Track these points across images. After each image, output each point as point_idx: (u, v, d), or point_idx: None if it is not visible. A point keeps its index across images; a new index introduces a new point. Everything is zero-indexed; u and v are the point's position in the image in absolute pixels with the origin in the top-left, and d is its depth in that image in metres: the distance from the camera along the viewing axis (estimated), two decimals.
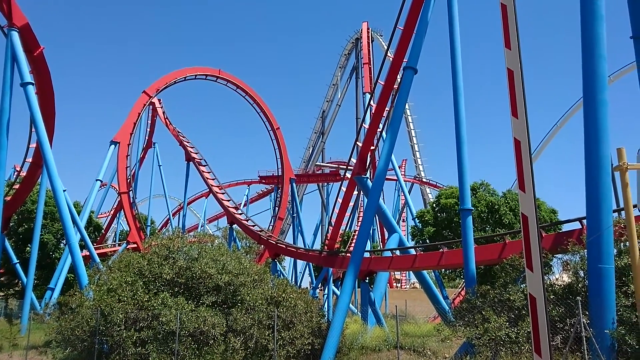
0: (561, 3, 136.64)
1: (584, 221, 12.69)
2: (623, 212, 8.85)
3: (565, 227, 17.66)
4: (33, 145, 28.67)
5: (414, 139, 56.47)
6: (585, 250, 11.27)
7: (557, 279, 13.04)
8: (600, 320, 10.10)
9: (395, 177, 43.60)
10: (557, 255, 14.07)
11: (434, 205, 32.76)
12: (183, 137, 45.95)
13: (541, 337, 7.00)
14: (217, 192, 41.15)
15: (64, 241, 33.48)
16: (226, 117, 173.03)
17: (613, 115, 10.89)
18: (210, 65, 44.82)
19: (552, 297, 11.69)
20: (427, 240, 30.08)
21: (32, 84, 24.64)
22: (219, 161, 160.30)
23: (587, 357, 9.75)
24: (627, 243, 10.70)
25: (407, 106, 50.53)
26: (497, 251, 16.28)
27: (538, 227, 7.45)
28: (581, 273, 12.06)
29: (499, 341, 11.84)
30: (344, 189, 26.91)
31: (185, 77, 42.57)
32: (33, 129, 26.57)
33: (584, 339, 9.81)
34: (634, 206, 7.68)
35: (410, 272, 41.39)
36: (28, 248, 32.17)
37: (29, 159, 30.06)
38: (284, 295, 16.28)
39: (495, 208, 28.58)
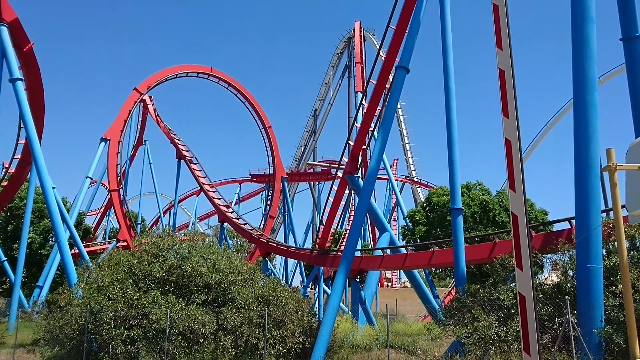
0: (552, 4, 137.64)
1: (573, 221, 12.79)
2: (612, 213, 8.94)
3: (555, 227, 17.81)
4: (22, 141, 28.40)
5: (406, 138, 56.60)
6: (575, 250, 11.37)
7: (546, 279, 13.16)
8: (588, 320, 10.19)
9: (386, 177, 43.66)
10: (546, 254, 14.19)
11: (425, 204, 32.89)
12: (174, 134, 45.72)
13: (530, 336, 7.05)
14: (208, 190, 40.98)
15: (53, 239, 33.22)
16: (218, 115, 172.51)
17: (602, 116, 11.00)
18: (202, 63, 44.63)
19: (541, 296, 11.78)
20: (418, 240, 30.18)
21: (21, 79, 24.39)
22: (210, 159, 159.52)
23: (575, 356, 9.83)
24: (616, 243, 10.80)
25: (399, 105, 50.68)
26: (487, 250, 16.38)
27: (528, 226, 7.50)
28: (570, 272, 12.16)
29: (488, 340, 11.92)
30: (335, 187, 26.95)
31: (176, 75, 42.31)
32: (22, 126, 26.29)
33: (572, 338, 9.90)
34: (623, 206, 7.74)
35: (401, 271, 41.55)
36: (16, 245, 31.86)
37: (18, 156, 29.74)
38: (274, 294, 16.27)
39: (488, 207, 28.77)
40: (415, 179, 56.72)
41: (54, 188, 24.69)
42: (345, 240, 35.71)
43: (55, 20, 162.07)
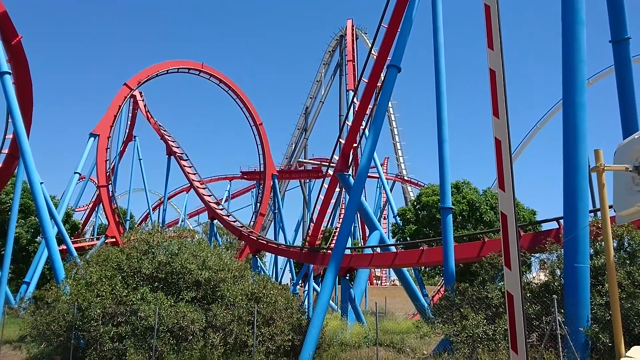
0: (543, 6, 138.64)
1: (562, 221, 12.93)
2: (599, 213, 9.03)
3: (543, 227, 17.95)
4: (9, 136, 28.06)
5: (397, 137, 56.70)
6: (562, 250, 11.48)
7: (534, 278, 13.27)
8: (575, 318, 10.31)
9: (377, 175, 43.75)
10: (535, 254, 14.31)
11: (415, 203, 33.00)
12: (164, 130, 45.40)
13: (518, 335, 7.11)
14: (198, 187, 40.78)
15: (41, 234, 32.88)
16: (208, 111, 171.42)
17: (591, 117, 11.16)
18: (194, 60, 44.35)
19: (529, 295, 11.88)
20: (408, 238, 30.28)
21: (9, 73, 24.11)
22: (200, 156, 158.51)
23: (561, 355, 9.94)
24: (603, 243, 10.93)
25: (390, 104, 50.76)
26: (476, 249, 16.48)
27: (517, 226, 7.54)
28: (558, 272, 12.28)
29: (476, 338, 12.00)
30: (326, 185, 26.97)
31: (167, 70, 42.00)
32: (10, 120, 26.01)
33: (559, 336, 10.00)
34: (610, 207, 7.82)
35: (391, 269, 41.72)
36: (2, 242, 31.49)
37: (5, 150, 29.38)
38: (264, 291, 16.25)
39: (476, 206, 28.92)
40: (405, 178, 56.89)
41: (41, 183, 24.48)
42: (335, 238, 35.74)
43: (44, 14, 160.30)
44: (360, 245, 41.25)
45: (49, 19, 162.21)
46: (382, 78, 20.50)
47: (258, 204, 45.67)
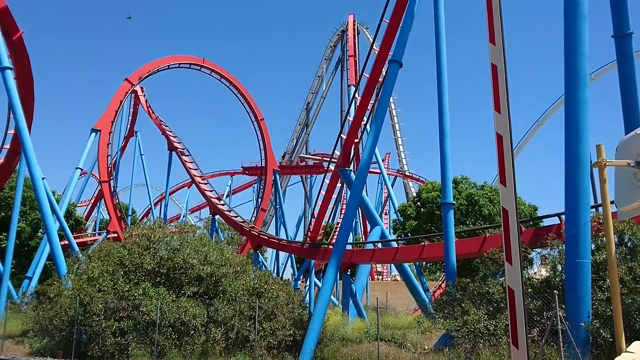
0: (545, 0, 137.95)
1: (563, 217, 12.92)
2: (601, 208, 9.03)
3: (545, 222, 17.95)
4: (11, 131, 28.05)
5: (398, 132, 56.60)
6: (564, 245, 11.48)
7: (535, 273, 13.28)
8: (576, 314, 10.32)
9: (378, 171, 43.67)
10: (536, 249, 14.32)
11: (416, 199, 33.03)
12: (166, 126, 45.42)
13: (519, 330, 7.12)
14: (199, 183, 40.85)
15: (43, 229, 32.97)
16: (210, 107, 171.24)
17: (593, 113, 11.17)
18: (195, 55, 44.20)
19: (530, 290, 11.89)
20: (409, 234, 30.31)
21: (11, 68, 24.08)
22: (201, 151, 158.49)
23: (562, 350, 9.95)
24: (604, 239, 10.92)
25: (391, 100, 50.68)
26: (478, 245, 16.50)
27: (518, 221, 7.54)
28: (559, 267, 12.28)
29: (477, 333, 12.03)
30: (327, 181, 26.98)
31: (168, 66, 41.95)
32: (11, 115, 26.01)
33: (560, 331, 10.01)
34: (612, 202, 7.82)
35: (392, 264, 41.77)
36: (3, 236, 31.57)
37: (7, 146, 29.40)
38: (265, 286, 16.28)
39: (474, 200, 28.98)
40: (406, 173, 56.80)
41: (43, 179, 24.50)
42: (336, 233, 35.76)
43: (45, 9, 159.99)
44: (361, 240, 41.30)
45: (50, 14, 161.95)
46: (384, 73, 20.46)
47: (259, 200, 45.71)
